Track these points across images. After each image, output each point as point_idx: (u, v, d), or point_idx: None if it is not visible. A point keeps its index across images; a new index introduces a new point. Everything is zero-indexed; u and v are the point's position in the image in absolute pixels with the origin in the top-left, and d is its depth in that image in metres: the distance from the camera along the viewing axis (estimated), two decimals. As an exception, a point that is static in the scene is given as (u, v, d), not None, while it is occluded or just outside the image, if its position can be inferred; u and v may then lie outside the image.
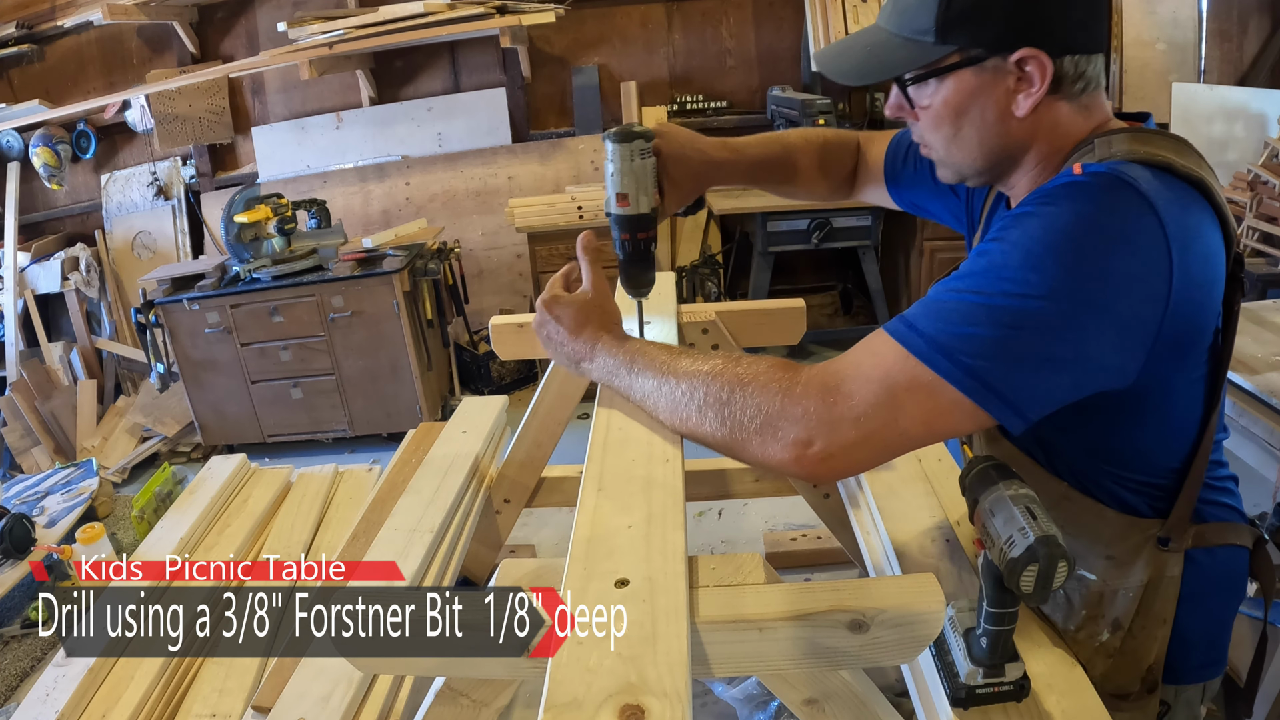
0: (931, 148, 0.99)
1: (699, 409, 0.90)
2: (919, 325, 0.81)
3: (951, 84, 0.90)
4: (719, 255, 4.51)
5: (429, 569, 1.41)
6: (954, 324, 0.79)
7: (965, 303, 0.80)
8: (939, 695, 1.02)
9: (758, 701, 1.77)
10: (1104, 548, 1.00)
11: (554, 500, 1.96)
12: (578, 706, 0.64)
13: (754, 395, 0.84)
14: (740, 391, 0.86)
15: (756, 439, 0.84)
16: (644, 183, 1.13)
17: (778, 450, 0.82)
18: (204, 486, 2.20)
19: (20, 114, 4.47)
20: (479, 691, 1.04)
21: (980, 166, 0.96)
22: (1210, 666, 1.06)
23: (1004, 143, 0.93)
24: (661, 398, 0.95)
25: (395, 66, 4.63)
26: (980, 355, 0.78)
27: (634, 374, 0.99)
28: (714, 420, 0.88)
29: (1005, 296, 0.78)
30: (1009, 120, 0.91)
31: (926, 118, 0.95)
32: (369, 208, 4.67)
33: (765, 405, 0.83)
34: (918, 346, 0.80)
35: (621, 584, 0.76)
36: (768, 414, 0.83)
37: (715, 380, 0.89)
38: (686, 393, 0.91)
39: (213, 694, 1.56)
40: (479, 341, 4.39)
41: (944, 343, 0.79)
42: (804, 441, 0.81)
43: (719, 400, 0.87)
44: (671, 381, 0.94)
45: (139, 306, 3.75)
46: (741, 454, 0.87)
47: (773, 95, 4.38)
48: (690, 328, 1.46)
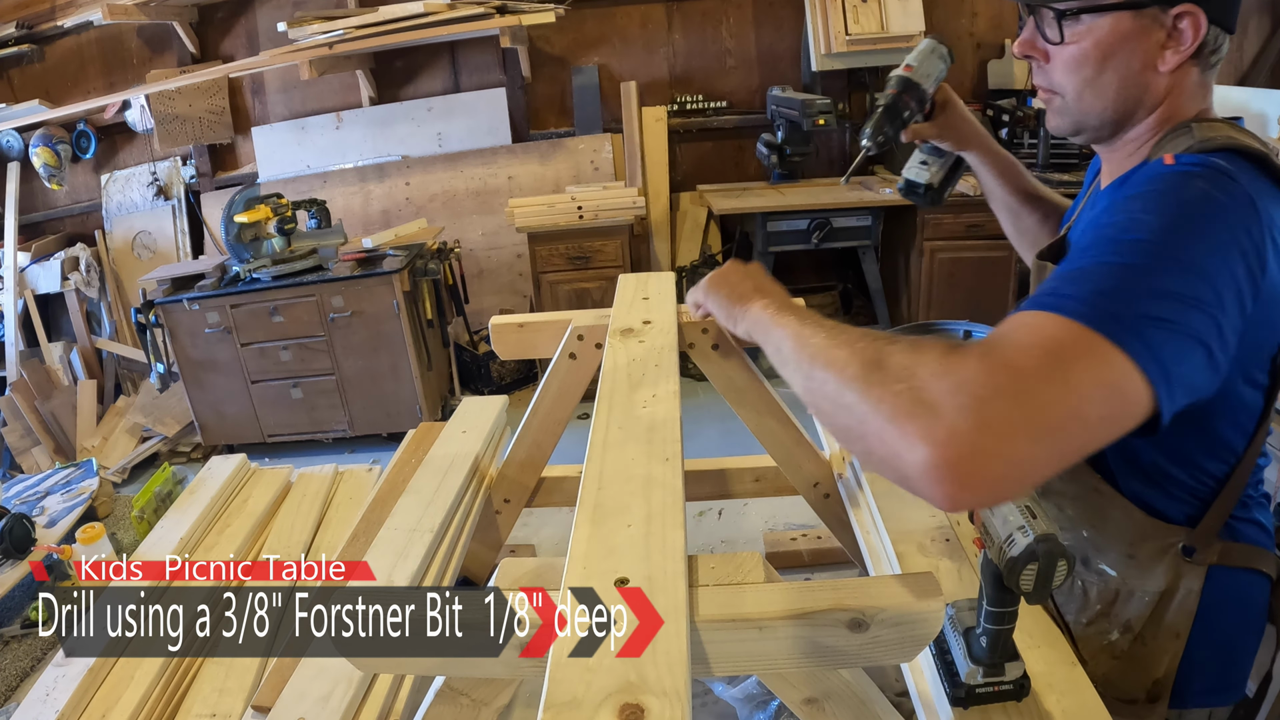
0: (1060, 91, 0.96)
1: (834, 373, 0.74)
2: (1066, 290, 0.72)
3: (1108, 23, 0.88)
4: (719, 255, 4.51)
5: (429, 569, 1.41)
6: (1103, 283, 0.72)
7: (1106, 265, 0.74)
8: (939, 695, 1.02)
9: (758, 701, 1.76)
10: (1127, 546, 0.99)
11: (554, 500, 1.96)
12: (577, 706, 0.64)
13: (902, 361, 0.70)
14: (885, 360, 0.71)
15: (893, 418, 0.66)
16: (933, 73, 1.25)
17: (931, 430, 0.63)
18: (204, 486, 2.20)
19: (20, 114, 4.47)
20: (479, 691, 1.04)
21: (1107, 117, 0.95)
22: (1218, 693, 1.04)
23: (1138, 95, 0.92)
24: (802, 352, 0.82)
25: (395, 66, 4.63)
26: (1147, 317, 0.70)
27: (778, 324, 0.91)
28: (844, 390, 0.72)
29: (1142, 253, 0.74)
30: (1149, 74, 0.90)
31: (1067, 56, 0.92)
32: (369, 208, 4.67)
33: (910, 371, 0.68)
34: (1076, 310, 0.69)
35: (621, 583, 0.76)
36: (911, 383, 0.67)
37: (861, 347, 0.74)
38: (824, 350, 0.78)
39: (213, 694, 1.56)
40: (479, 341, 4.39)
41: (1105, 305, 0.70)
42: (955, 424, 0.63)
43: (862, 366, 0.72)
44: (814, 335, 0.82)
45: (139, 306, 3.75)
46: (868, 439, 0.70)
47: (773, 95, 4.39)
48: (690, 327, 1.46)
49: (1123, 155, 0.98)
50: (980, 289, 4.01)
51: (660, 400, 1.11)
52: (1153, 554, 0.97)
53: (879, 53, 4.23)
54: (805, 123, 3.91)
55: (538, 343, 1.68)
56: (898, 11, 4.13)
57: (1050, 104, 0.99)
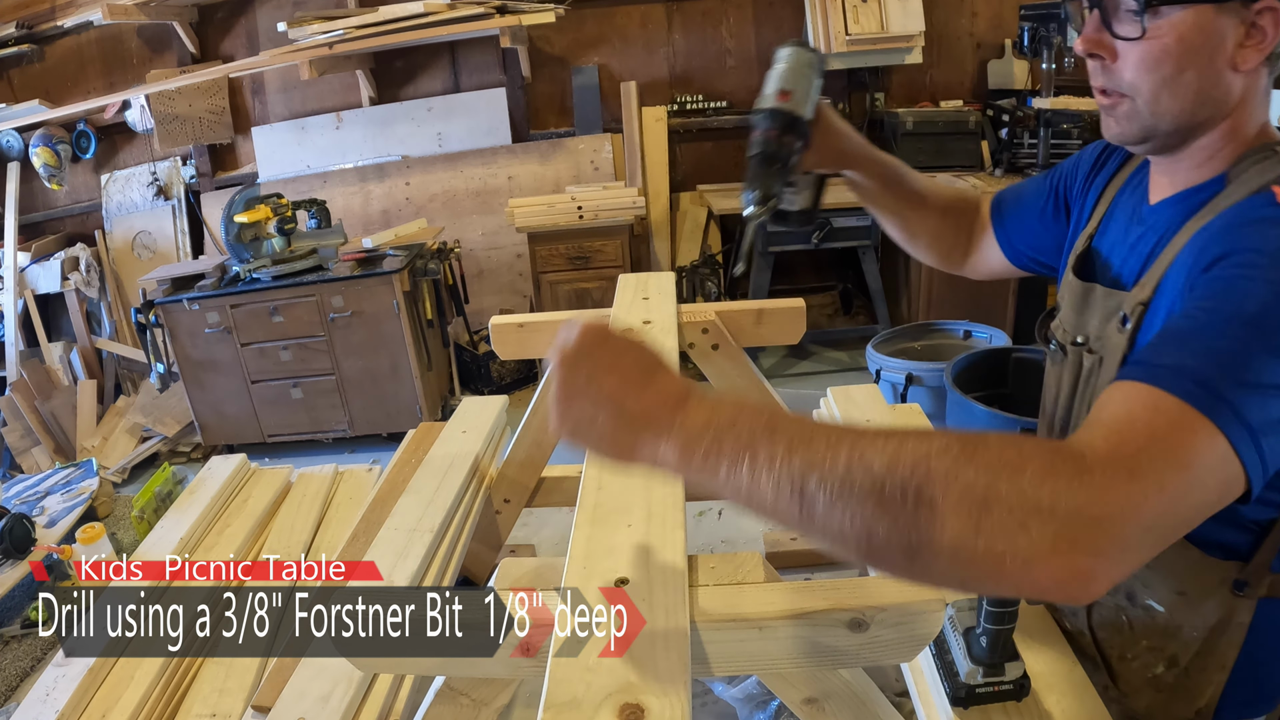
0: (1131, 94, 0.88)
1: (908, 501, 0.59)
2: (1219, 389, 0.66)
3: (1192, 17, 0.82)
4: (719, 255, 4.51)
5: (429, 569, 1.41)
6: (1252, 382, 0.66)
7: (1249, 353, 0.68)
8: (939, 694, 1.02)
9: (758, 701, 1.76)
10: (1177, 582, 0.95)
11: (554, 500, 1.96)
12: (577, 706, 0.64)
13: (1026, 480, 0.58)
14: (995, 474, 0.59)
15: (1025, 549, 0.57)
16: (809, 92, 1.03)
17: (1059, 566, 0.58)
18: (204, 486, 2.20)
19: (20, 114, 4.47)
20: (479, 691, 1.04)
21: (1183, 122, 0.87)
22: (1253, 705, 1.01)
23: (1217, 96, 0.86)
24: (829, 483, 0.61)
25: (395, 66, 4.63)
26: (1270, 420, 0.66)
27: (771, 444, 0.63)
28: (943, 523, 0.58)
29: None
30: (1229, 74, 0.84)
31: (1145, 54, 0.85)
32: (369, 208, 4.67)
33: (1045, 496, 0.58)
34: (1228, 419, 0.65)
35: (621, 583, 0.76)
36: (1052, 511, 0.57)
37: (941, 455, 0.60)
38: (884, 476, 0.60)
39: (213, 694, 1.56)
40: (479, 341, 4.39)
41: (1250, 412, 0.65)
42: (1101, 551, 0.58)
43: (956, 486, 0.58)
44: (853, 457, 0.61)
45: (139, 306, 3.75)
46: (991, 572, 0.59)
47: (773, 95, 4.38)
48: (690, 327, 1.46)
49: (1188, 166, 0.92)
50: (980, 289, 4.00)
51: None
52: (1204, 590, 0.93)
53: (879, 53, 4.23)
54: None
55: (538, 343, 1.68)
56: (898, 11, 4.13)
57: (1115, 109, 0.90)
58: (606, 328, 0.73)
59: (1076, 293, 1.05)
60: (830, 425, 0.66)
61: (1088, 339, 1.02)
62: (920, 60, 4.28)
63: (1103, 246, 1.05)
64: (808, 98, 1.03)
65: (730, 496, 0.66)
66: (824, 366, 4.33)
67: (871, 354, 3.42)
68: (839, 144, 1.15)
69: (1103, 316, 0.99)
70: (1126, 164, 1.07)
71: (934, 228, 1.27)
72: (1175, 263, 0.87)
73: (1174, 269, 0.87)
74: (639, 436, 0.68)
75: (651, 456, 0.68)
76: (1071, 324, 1.06)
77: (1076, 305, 1.05)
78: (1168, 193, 0.95)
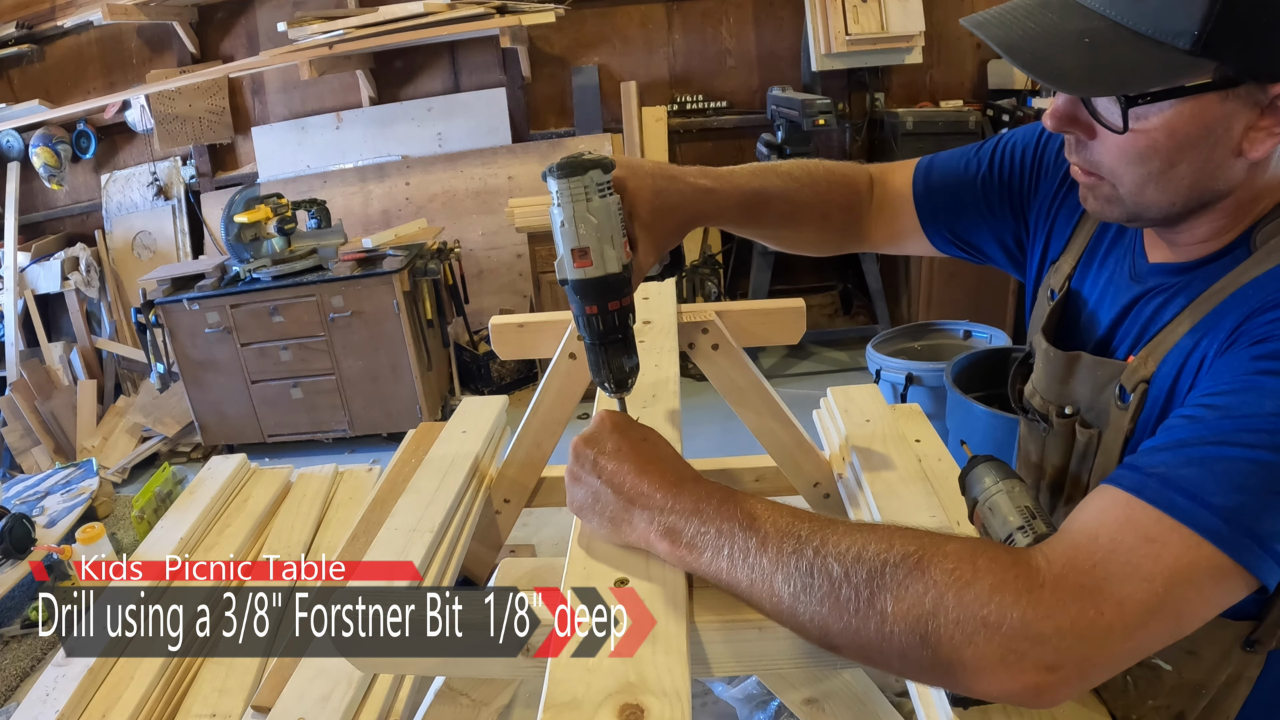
0: (1114, 180, 0.77)
1: (860, 609, 0.62)
2: (1209, 498, 0.61)
3: (1189, 109, 0.69)
4: (719, 255, 4.51)
5: (429, 569, 1.41)
6: (1255, 492, 0.61)
7: (1260, 462, 0.61)
8: (939, 694, 1.02)
9: (758, 701, 1.76)
10: (1188, 642, 0.87)
11: (554, 500, 1.95)
12: (577, 706, 0.64)
13: (970, 596, 0.59)
14: (943, 590, 0.60)
15: (972, 661, 0.59)
16: (608, 230, 0.80)
17: (1007, 679, 0.59)
18: (204, 486, 2.20)
19: (20, 114, 4.48)
20: (479, 691, 1.04)
21: (1175, 211, 0.76)
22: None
23: (1215, 187, 0.74)
24: (793, 580, 0.65)
25: (395, 66, 4.63)
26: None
27: (747, 538, 0.68)
28: (891, 631, 0.61)
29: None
30: (1234, 161, 0.72)
31: (1128, 145, 0.73)
32: (369, 208, 4.67)
33: (991, 613, 0.59)
34: (1215, 529, 0.60)
35: (621, 583, 0.76)
36: (998, 627, 0.58)
37: (897, 565, 0.62)
38: (840, 582, 0.63)
39: (213, 694, 1.56)
40: (479, 341, 4.39)
41: (1243, 522, 0.60)
42: (1052, 666, 0.59)
43: (905, 599, 0.61)
44: (816, 560, 0.64)
45: (139, 306, 3.75)
46: (938, 678, 0.63)
47: (773, 95, 4.39)
48: (690, 328, 1.46)
49: (1188, 241, 0.81)
50: (980, 289, 4.01)
51: (660, 400, 1.11)
52: (1216, 650, 0.88)
53: (879, 53, 4.23)
54: (805, 123, 3.90)
55: (538, 343, 1.68)
56: (898, 11, 4.13)
57: (1095, 189, 0.79)
58: (624, 418, 0.82)
59: (1057, 362, 0.93)
60: (807, 518, 0.68)
61: (1078, 410, 0.92)
62: (920, 60, 4.28)
63: (1085, 292, 0.94)
64: (608, 241, 0.81)
65: (712, 581, 0.71)
66: (824, 366, 4.33)
67: (871, 354, 3.42)
68: (670, 220, 0.91)
69: (1093, 387, 0.89)
70: None
71: (817, 227, 1.09)
72: (1186, 339, 0.78)
73: (1184, 345, 0.78)
74: (632, 515, 0.74)
75: (644, 537, 0.74)
76: (1053, 393, 0.95)
77: (1058, 374, 0.94)
78: (1170, 257, 0.84)
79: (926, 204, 1.06)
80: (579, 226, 0.80)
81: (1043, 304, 1.00)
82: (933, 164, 1.08)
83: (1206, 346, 0.75)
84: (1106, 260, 0.93)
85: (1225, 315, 0.74)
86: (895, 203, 1.09)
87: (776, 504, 0.71)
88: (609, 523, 0.76)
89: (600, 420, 0.81)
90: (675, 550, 0.72)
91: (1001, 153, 1.03)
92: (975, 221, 1.04)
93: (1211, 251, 0.80)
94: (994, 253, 1.07)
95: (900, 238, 1.12)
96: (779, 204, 1.02)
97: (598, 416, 0.82)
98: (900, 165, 1.11)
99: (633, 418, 0.83)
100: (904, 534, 0.64)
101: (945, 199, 1.05)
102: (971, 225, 1.05)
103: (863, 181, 1.11)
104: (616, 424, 0.80)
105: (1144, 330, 0.85)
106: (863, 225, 1.11)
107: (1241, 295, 0.74)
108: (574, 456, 0.79)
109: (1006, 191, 1.02)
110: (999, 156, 1.03)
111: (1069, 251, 0.97)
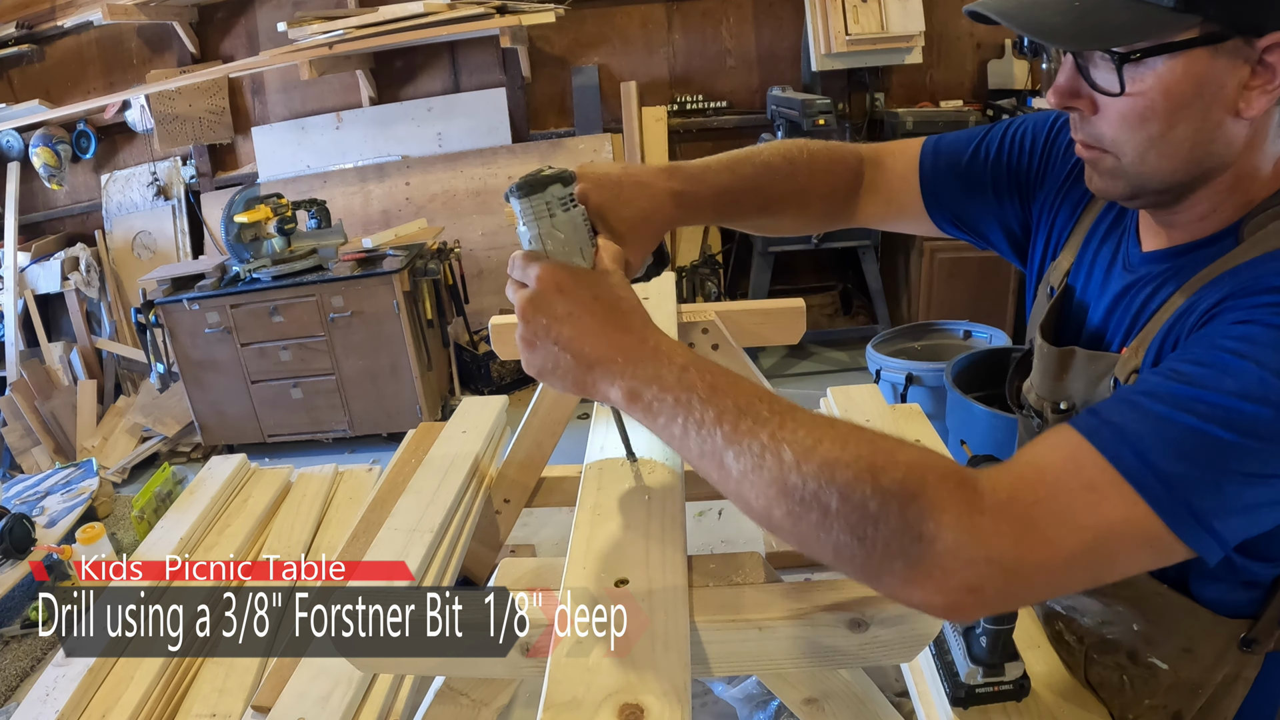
0: (1116, 150, 0.77)
1: (805, 500, 0.63)
2: (1155, 460, 0.62)
3: (1181, 66, 0.70)
4: (719, 255, 4.51)
5: (429, 569, 1.41)
6: (1200, 465, 0.62)
7: (1210, 436, 0.62)
8: (939, 694, 1.02)
9: (758, 701, 1.77)
10: (1184, 640, 0.91)
11: (554, 500, 1.96)
12: (577, 706, 0.64)
13: (913, 510, 0.61)
14: (888, 498, 0.61)
15: (901, 571, 0.62)
16: (575, 242, 0.79)
17: (931, 592, 0.62)
18: (204, 486, 2.20)
19: (20, 114, 4.47)
20: (479, 691, 1.05)
21: (1176, 179, 0.77)
22: None
23: (1215, 150, 0.74)
24: (744, 459, 0.66)
25: (395, 66, 4.63)
26: (1229, 509, 0.63)
27: (704, 409, 0.68)
28: (830, 525, 0.62)
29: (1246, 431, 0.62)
30: (1230, 122, 0.73)
31: (1126, 110, 0.74)
32: (369, 208, 4.67)
33: (929, 529, 0.61)
34: (1156, 493, 0.61)
35: (621, 584, 0.76)
36: (932, 543, 0.60)
37: (848, 466, 0.63)
38: (791, 469, 0.64)
39: (213, 694, 1.56)
40: (479, 341, 4.39)
41: (1187, 497, 0.61)
42: (975, 588, 0.61)
43: (851, 500, 0.62)
44: (770, 443, 0.65)
45: (139, 306, 3.75)
46: (864, 577, 0.65)
47: (773, 95, 4.38)
48: (690, 328, 1.46)
49: (1187, 220, 0.82)
50: (980, 289, 4.00)
51: (660, 400, 1.11)
52: (1213, 649, 0.89)
53: (879, 52, 4.23)
54: (805, 123, 3.90)
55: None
56: (898, 11, 4.13)
57: (1098, 164, 0.80)
58: (567, 274, 0.76)
59: (1051, 358, 0.94)
60: (768, 399, 0.69)
61: (1073, 406, 0.93)
62: (920, 60, 4.28)
63: (1079, 287, 0.95)
64: (577, 253, 0.80)
65: (666, 443, 0.73)
66: (824, 366, 4.33)
67: (871, 354, 3.42)
68: (642, 229, 0.88)
69: (1089, 381, 0.90)
70: None
71: (799, 212, 1.08)
72: (1169, 323, 0.79)
73: (1168, 329, 0.79)
74: (593, 376, 0.74)
75: (604, 396, 0.74)
76: (1048, 389, 0.96)
77: (1052, 371, 0.95)
78: (1164, 243, 0.85)
79: (932, 185, 1.06)
80: (546, 243, 0.79)
81: (1042, 301, 1.01)
82: (940, 145, 1.07)
83: (1187, 312, 0.76)
84: (1100, 252, 0.93)
85: (1213, 290, 0.75)
86: (894, 183, 1.08)
87: (740, 377, 0.71)
88: (573, 385, 0.75)
89: (543, 280, 0.76)
90: (633, 410, 0.73)
91: (1013, 137, 1.03)
92: (981, 205, 1.04)
93: (1205, 235, 0.81)
94: (996, 238, 1.07)
95: (896, 217, 1.12)
96: (753, 198, 1.02)
97: (539, 276, 0.76)
98: (900, 145, 1.10)
99: (576, 268, 0.77)
100: (861, 435, 0.65)
101: (952, 181, 1.05)
102: (977, 209, 1.05)
103: (851, 164, 1.09)
104: (560, 284, 0.75)
105: (1135, 320, 0.85)
106: (850, 207, 1.11)
107: (1233, 274, 0.75)
108: (523, 322, 0.76)
109: (1015, 177, 1.03)
110: (1010, 141, 1.03)
111: (1068, 247, 0.97)
